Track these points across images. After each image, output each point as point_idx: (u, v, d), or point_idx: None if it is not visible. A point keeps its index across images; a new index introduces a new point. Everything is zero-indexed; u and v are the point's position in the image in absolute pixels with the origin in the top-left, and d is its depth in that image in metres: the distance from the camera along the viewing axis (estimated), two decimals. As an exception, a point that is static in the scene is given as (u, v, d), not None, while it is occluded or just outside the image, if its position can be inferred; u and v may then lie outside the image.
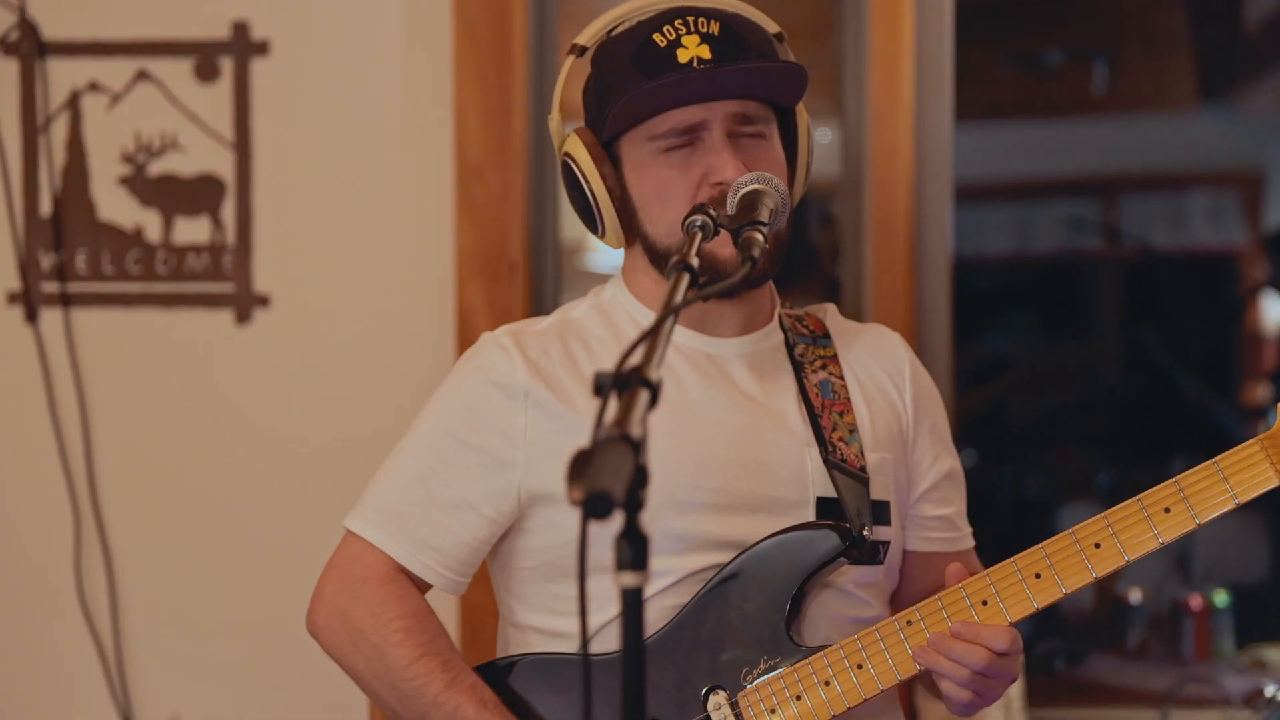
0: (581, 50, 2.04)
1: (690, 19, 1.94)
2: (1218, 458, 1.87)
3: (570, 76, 2.06)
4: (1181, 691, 3.32)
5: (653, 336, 1.49)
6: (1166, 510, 1.87)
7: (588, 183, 1.98)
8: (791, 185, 2.02)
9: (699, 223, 1.81)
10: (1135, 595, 4.01)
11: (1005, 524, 4.58)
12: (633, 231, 2.01)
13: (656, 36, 1.94)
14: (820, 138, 3.34)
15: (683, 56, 1.92)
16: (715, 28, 1.94)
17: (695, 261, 1.69)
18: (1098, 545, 1.88)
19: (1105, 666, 3.92)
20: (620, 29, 2.01)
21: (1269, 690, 3.11)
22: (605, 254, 4.05)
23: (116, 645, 3.02)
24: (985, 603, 1.89)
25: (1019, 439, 4.90)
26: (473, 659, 1.99)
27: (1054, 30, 4.91)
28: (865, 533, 1.96)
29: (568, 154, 2.00)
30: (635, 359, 1.45)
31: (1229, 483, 1.86)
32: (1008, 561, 1.90)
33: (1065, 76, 5.02)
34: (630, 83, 1.93)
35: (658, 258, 1.99)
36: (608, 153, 2.00)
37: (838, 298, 3.22)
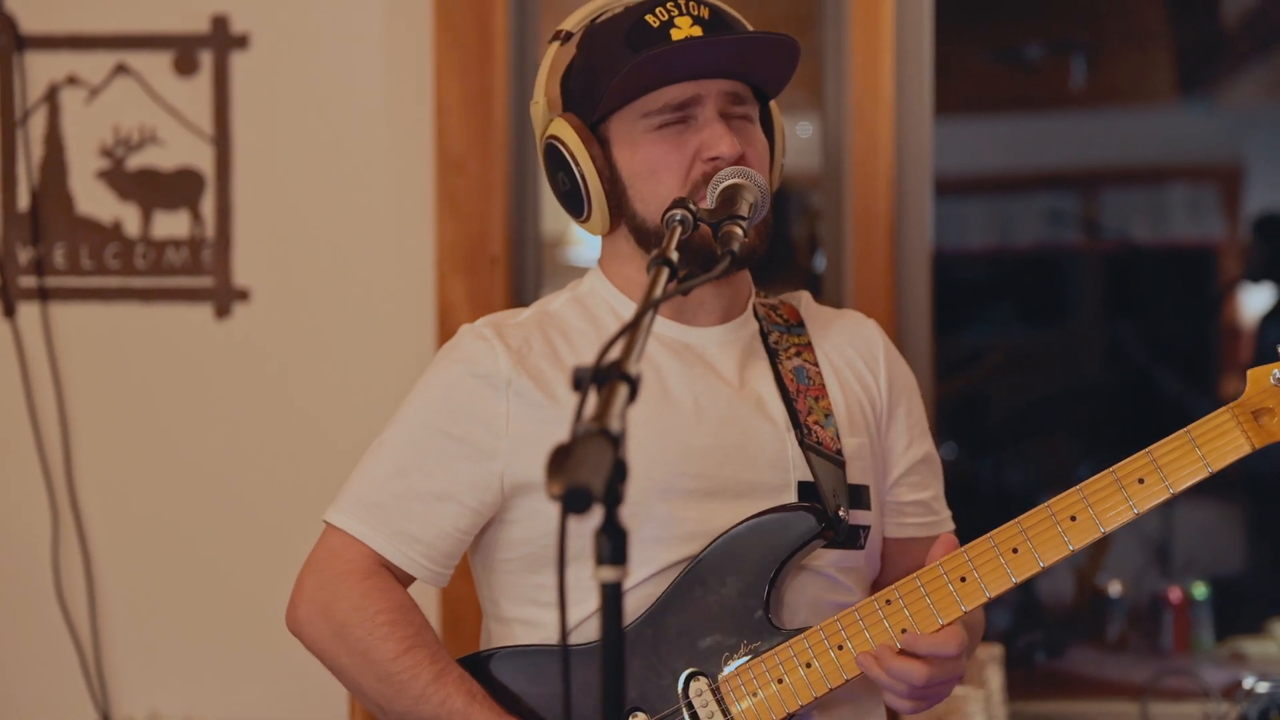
0: (566, 36, 2.03)
1: (681, 2, 1.96)
2: (1189, 426, 1.88)
3: (552, 65, 2.05)
4: (1160, 683, 3.34)
5: (632, 330, 1.49)
6: (1141, 481, 1.87)
7: (576, 163, 1.96)
8: (770, 175, 2.03)
9: (679, 216, 1.81)
10: (1115, 588, 4.03)
11: (986, 515, 4.60)
12: (619, 214, 2.00)
13: (649, 18, 1.95)
14: (801, 131, 3.35)
15: (676, 36, 1.93)
16: (705, 12, 1.96)
17: (675, 255, 1.69)
18: (1074, 518, 1.88)
19: (1085, 659, 3.94)
20: (606, 15, 2.01)
21: (1247, 682, 3.12)
22: (586, 248, 4.05)
23: (95, 642, 3.01)
24: (964, 579, 1.89)
25: (1000, 431, 4.91)
26: (454, 651, 1.99)
27: (1034, 24, 4.92)
28: (841, 514, 1.96)
29: (554, 136, 1.99)
30: (614, 353, 1.44)
31: (1200, 450, 1.86)
32: (984, 537, 1.91)
33: (1045, 70, 5.03)
34: (624, 62, 1.92)
35: (645, 238, 1.98)
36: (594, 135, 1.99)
37: (818, 290, 3.22)
